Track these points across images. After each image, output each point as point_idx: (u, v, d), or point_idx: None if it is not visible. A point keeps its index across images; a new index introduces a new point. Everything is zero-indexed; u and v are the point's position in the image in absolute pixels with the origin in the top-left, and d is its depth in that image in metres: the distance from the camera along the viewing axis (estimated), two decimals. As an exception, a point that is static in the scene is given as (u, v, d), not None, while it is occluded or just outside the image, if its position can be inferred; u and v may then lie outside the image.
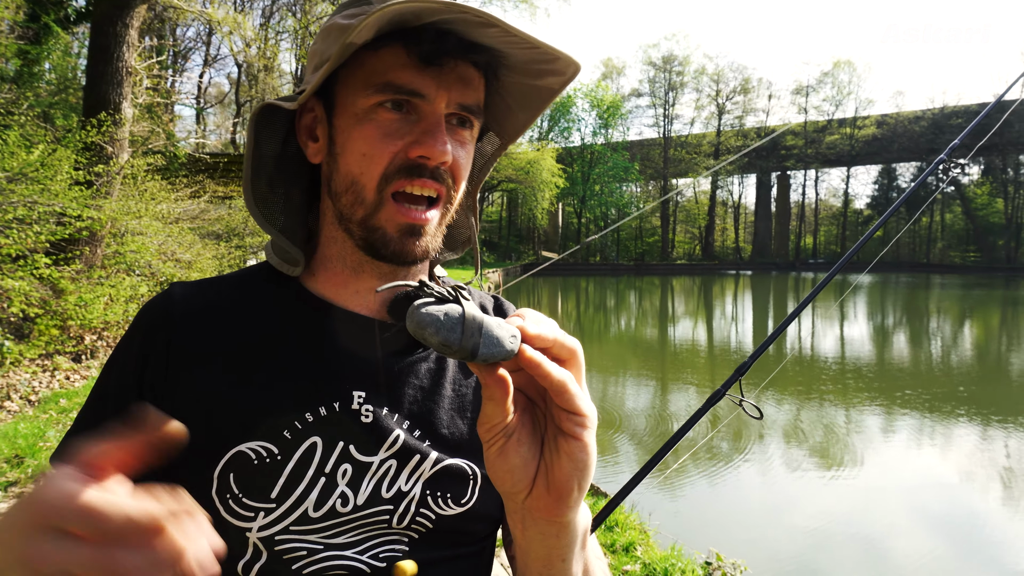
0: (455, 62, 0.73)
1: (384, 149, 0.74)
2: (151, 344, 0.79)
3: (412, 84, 0.72)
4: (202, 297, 0.83)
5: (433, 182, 0.75)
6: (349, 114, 0.76)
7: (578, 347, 0.55)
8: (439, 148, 0.72)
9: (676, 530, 4.43)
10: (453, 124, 0.77)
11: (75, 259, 7.48)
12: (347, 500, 0.75)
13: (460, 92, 0.74)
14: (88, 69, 8.52)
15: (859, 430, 7.76)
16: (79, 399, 6.13)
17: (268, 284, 0.85)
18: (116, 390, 0.79)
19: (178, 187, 11.03)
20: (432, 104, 0.73)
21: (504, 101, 0.83)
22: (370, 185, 0.75)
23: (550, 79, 0.77)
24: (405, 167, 0.74)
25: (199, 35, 30.52)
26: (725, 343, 16.00)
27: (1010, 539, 5.00)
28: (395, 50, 0.72)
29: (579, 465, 0.55)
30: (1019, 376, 11.47)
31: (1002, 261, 54.33)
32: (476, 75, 0.76)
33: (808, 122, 61.54)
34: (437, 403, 0.82)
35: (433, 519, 0.78)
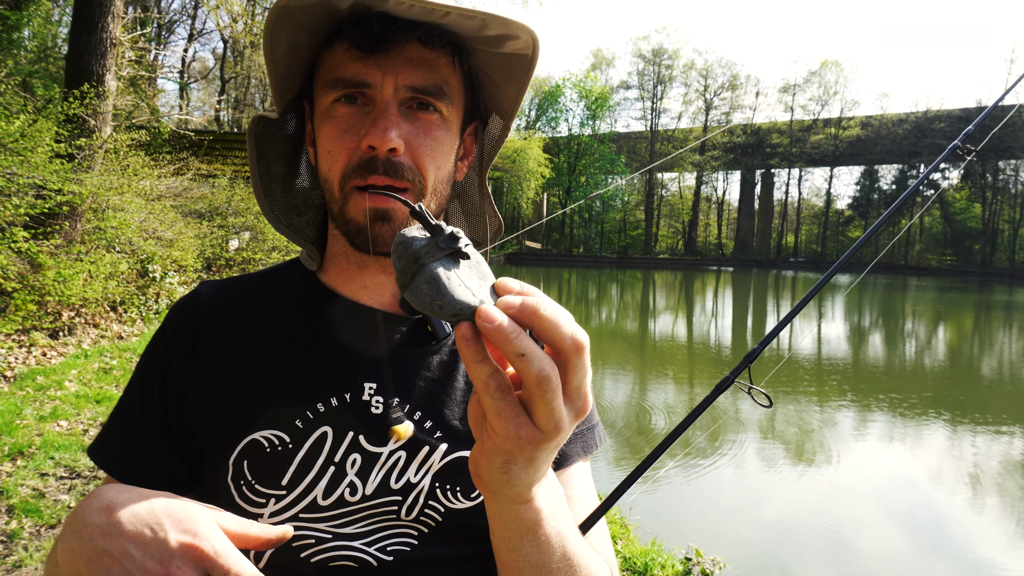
0: (399, 45, 0.73)
1: (343, 145, 0.76)
2: (177, 341, 0.83)
3: (358, 75, 0.74)
4: (227, 295, 0.87)
5: (385, 177, 0.74)
6: (319, 114, 0.79)
7: (583, 341, 0.48)
8: (380, 135, 0.72)
9: (656, 526, 4.47)
10: (413, 108, 0.76)
11: (54, 234, 7.34)
12: (356, 489, 0.76)
13: (409, 74, 0.74)
14: (71, 38, 8.32)
15: (834, 428, 7.88)
16: (56, 376, 6.04)
17: (289, 281, 0.89)
18: (142, 387, 0.84)
19: (161, 163, 10.85)
20: (379, 91, 0.74)
21: (490, 78, 0.83)
22: (335, 182, 0.77)
23: (510, 44, 0.75)
24: (360, 164, 0.75)
25: (184, 8, 29.91)
26: (706, 338, 16.13)
27: (973, 535, 5.12)
28: (339, 46, 0.75)
29: (491, 463, 0.52)
30: (989, 378, 11.71)
31: (977, 265, 55.25)
32: (432, 55, 0.75)
33: (794, 121, 61.95)
34: (448, 395, 0.82)
35: (442, 512, 0.78)
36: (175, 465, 0.82)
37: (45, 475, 4.09)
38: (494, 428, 0.49)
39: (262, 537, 0.60)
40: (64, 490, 3.95)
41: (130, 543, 0.51)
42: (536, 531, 0.60)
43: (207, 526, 0.54)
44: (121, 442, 0.83)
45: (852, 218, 65.48)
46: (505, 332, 0.44)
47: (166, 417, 0.81)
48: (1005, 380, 11.71)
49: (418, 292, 0.46)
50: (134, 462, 0.82)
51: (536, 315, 0.46)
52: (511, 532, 0.60)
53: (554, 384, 0.46)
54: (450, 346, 0.85)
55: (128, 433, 0.83)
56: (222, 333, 0.83)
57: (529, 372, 0.45)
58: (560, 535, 0.63)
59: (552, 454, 0.53)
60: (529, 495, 0.57)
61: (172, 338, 0.83)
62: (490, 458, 0.51)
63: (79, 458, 4.36)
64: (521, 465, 0.51)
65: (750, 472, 6.27)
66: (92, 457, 0.84)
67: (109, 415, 0.86)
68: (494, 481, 0.53)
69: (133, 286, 9.06)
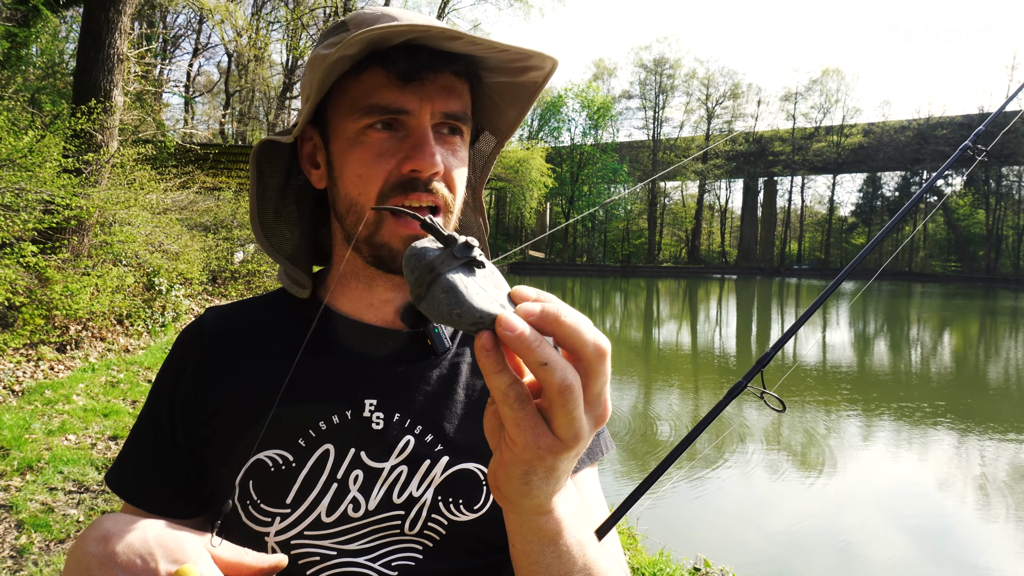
0: (434, 75, 0.75)
1: (378, 169, 0.76)
2: (184, 366, 0.86)
3: (396, 103, 0.75)
4: (231, 318, 0.90)
5: (428, 195, 0.76)
6: (342, 139, 0.79)
7: (606, 347, 0.47)
8: (428, 160, 0.74)
9: (664, 535, 4.46)
10: (443, 133, 0.79)
11: (62, 248, 7.39)
12: (359, 505, 0.77)
13: (443, 102, 0.76)
14: (79, 55, 8.41)
15: (841, 435, 7.85)
16: (64, 390, 6.06)
17: (292, 302, 0.91)
18: (152, 413, 0.87)
19: (167, 177, 10.92)
20: (417, 118, 0.76)
21: (493, 101, 0.86)
22: (368, 204, 0.78)
23: (531, 74, 0.79)
24: (400, 183, 0.76)
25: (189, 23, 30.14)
26: (712, 347, 16.09)
27: (981, 543, 5.09)
28: (375, 73, 0.76)
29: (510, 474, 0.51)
30: (996, 385, 11.65)
31: (982, 271, 55.08)
32: (458, 82, 0.78)
33: (796, 129, 61.99)
34: (448, 408, 0.83)
35: (446, 525, 0.79)
36: (191, 487, 0.84)
37: (54, 489, 4.10)
38: (513, 439, 0.48)
39: (255, 566, 0.62)
40: (73, 504, 3.96)
41: (123, 573, 0.55)
42: (557, 541, 0.60)
43: (197, 555, 0.57)
44: (136, 468, 0.87)
45: (855, 225, 65.37)
46: (527, 340, 0.43)
47: (175, 440, 0.83)
48: (1012, 386, 11.66)
49: (435, 302, 0.45)
50: (151, 488, 0.85)
51: (557, 321, 0.46)
52: (532, 544, 0.60)
53: (576, 393, 0.45)
54: (449, 359, 0.87)
55: (143, 459, 0.86)
56: (226, 356, 0.85)
57: (552, 381, 0.44)
58: (581, 544, 0.63)
59: (572, 463, 0.52)
60: (550, 505, 0.57)
61: (179, 364, 0.86)
62: (509, 469, 0.51)
63: (88, 472, 4.37)
64: (541, 475, 0.51)
65: (757, 480, 6.25)
66: (109, 485, 0.87)
67: (124, 442, 0.89)
68: (514, 492, 0.53)
69: (139, 299, 9.10)
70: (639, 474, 6.31)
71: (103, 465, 4.52)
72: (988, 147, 1.20)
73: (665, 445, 7.21)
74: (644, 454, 6.99)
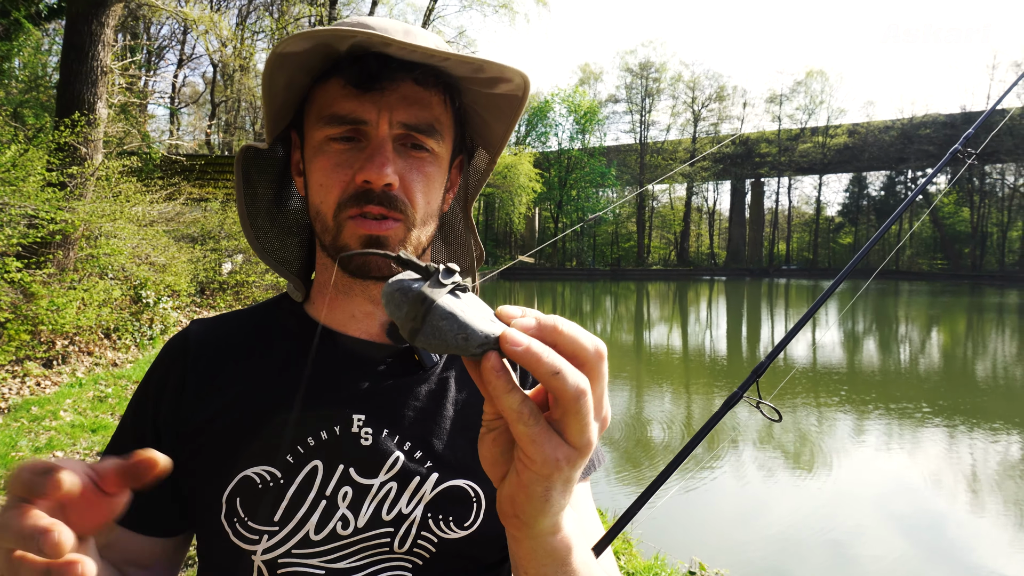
0: (393, 84, 0.75)
1: (336, 179, 0.78)
2: (167, 379, 0.84)
3: (353, 112, 0.76)
4: (216, 332, 0.88)
5: (380, 207, 0.76)
6: (311, 147, 0.80)
7: (603, 348, 0.47)
8: (376, 171, 0.74)
9: (659, 540, 4.45)
10: (407, 147, 0.79)
11: (47, 262, 7.32)
12: (348, 523, 0.76)
13: (403, 112, 0.76)
14: (62, 67, 8.35)
15: (834, 435, 7.88)
16: (51, 406, 5.99)
17: (277, 315, 0.91)
18: (134, 427, 0.84)
19: (153, 189, 10.86)
20: (375, 128, 0.76)
21: (479, 115, 0.86)
22: (328, 213, 0.79)
23: (502, 86, 0.78)
24: (354, 195, 0.77)
25: (174, 34, 30.05)
26: (703, 349, 16.14)
27: (974, 538, 5.11)
28: (335, 83, 0.77)
29: (531, 494, 0.49)
30: (986, 381, 11.74)
31: (968, 269, 55.59)
32: (426, 94, 0.78)
33: (782, 130, 62.43)
34: (438, 424, 0.82)
35: (436, 543, 0.78)
36: (172, 503, 0.82)
37: (42, 507, 4.05)
38: (531, 457, 0.46)
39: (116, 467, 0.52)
40: (61, 522, 3.91)
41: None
42: (569, 561, 0.58)
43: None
44: None
45: (842, 225, 65.87)
46: (536, 352, 0.42)
47: None
48: (1000, 383, 11.76)
49: (437, 331, 0.43)
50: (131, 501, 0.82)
51: (556, 331, 0.45)
52: (546, 568, 0.57)
53: (589, 396, 0.45)
54: (438, 374, 0.86)
55: None
56: (211, 370, 0.84)
57: (565, 389, 0.43)
58: (586, 564, 0.61)
59: (580, 472, 0.50)
60: (561, 523, 0.55)
61: (163, 376, 0.85)
62: (530, 489, 0.49)
63: (76, 489, 4.32)
64: (560, 489, 0.49)
65: (751, 482, 6.26)
66: None
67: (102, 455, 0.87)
68: (535, 512, 0.50)
69: (127, 312, 9.02)
70: (633, 477, 6.31)
71: (91, 482, 4.46)
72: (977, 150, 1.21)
73: (659, 448, 7.22)
74: (638, 457, 6.98)
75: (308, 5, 23.26)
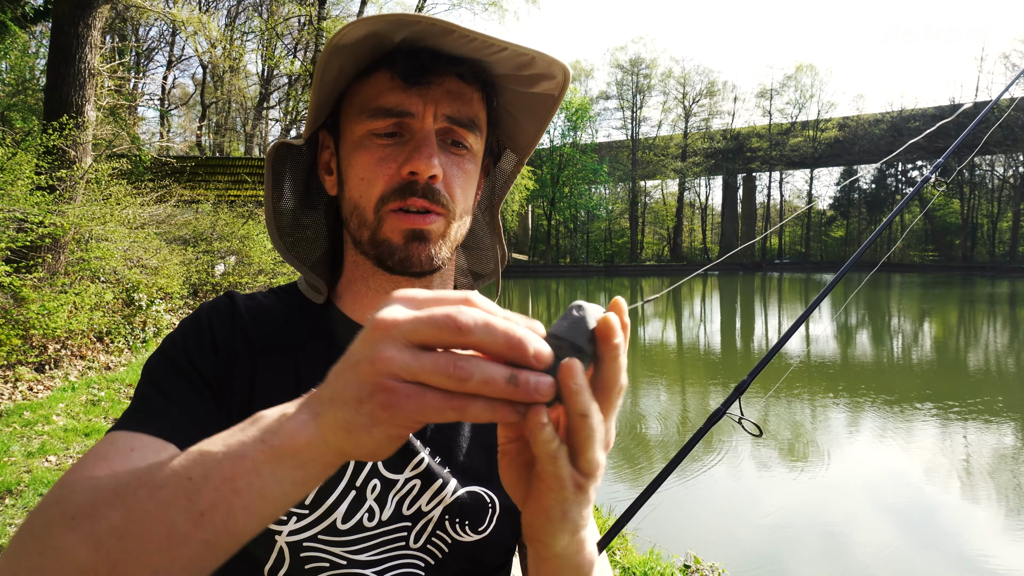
0: (440, 78, 0.75)
1: (380, 172, 0.77)
2: (216, 335, 0.79)
3: (401, 104, 0.75)
4: (258, 305, 0.85)
5: (424, 200, 0.76)
6: (349, 143, 0.80)
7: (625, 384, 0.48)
8: (424, 161, 0.74)
9: (654, 533, 4.47)
10: (447, 144, 0.79)
11: (37, 266, 7.28)
12: (374, 515, 0.77)
13: (448, 105, 0.76)
14: (49, 70, 8.30)
15: (827, 427, 7.93)
16: (44, 410, 5.97)
17: (300, 308, 0.88)
18: (182, 370, 0.76)
19: (143, 191, 10.80)
20: (421, 121, 0.76)
21: (511, 116, 0.86)
22: (369, 207, 0.78)
23: (543, 84, 0.78)
24: (399, 188, 0.76)
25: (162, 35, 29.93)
26: (697, 343, 16.18)
27: (965, 526, 5.15)
28: (381, 75, 0.76)
29: (549, 517, 0.50)
30: (977, 372, 11.82)
31: (959, 260, 55.94)
32: (468, 89, 0.78)
33: (772, 124, 62.60)
34: (458, 432, 0.84)
35: (449, 543, 0.80)
36: None
37: (36, 512, 4.03)
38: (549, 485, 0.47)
39: None
40: (55, 526, 3.89)
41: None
42: (590, 572, 0.59)
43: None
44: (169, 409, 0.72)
45: (834, 218, 66.14)
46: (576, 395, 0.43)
47: (217, 400, 0.76)
48: (993, 372, 11.83)
49: None
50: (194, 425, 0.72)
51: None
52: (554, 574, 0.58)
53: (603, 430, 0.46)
54: None
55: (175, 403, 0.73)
56: (259, 337, 0.82)
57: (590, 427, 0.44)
58: (600, 573, 0.64)
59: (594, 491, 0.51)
60: (585, 540, 0.56)
61: (216, 328, 0.80)
62: (550, 512, 0.49)
63: (70, 493, 4.30)
64: (576, 510, 0.50)
65: (745, 475, 6.29)
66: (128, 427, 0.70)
67: (135, 397, 0.75)
68: (556, 532, 0.51)
69: (119, 316, 8.98)
70: (629, 473, 6.34)
71: (85, 485, 4.45)
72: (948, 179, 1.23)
73: (654, 444, 7.24)
74: (634, 453, 7.01)
75: (297, 5, 23.19)
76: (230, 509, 0.45)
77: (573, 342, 0.44)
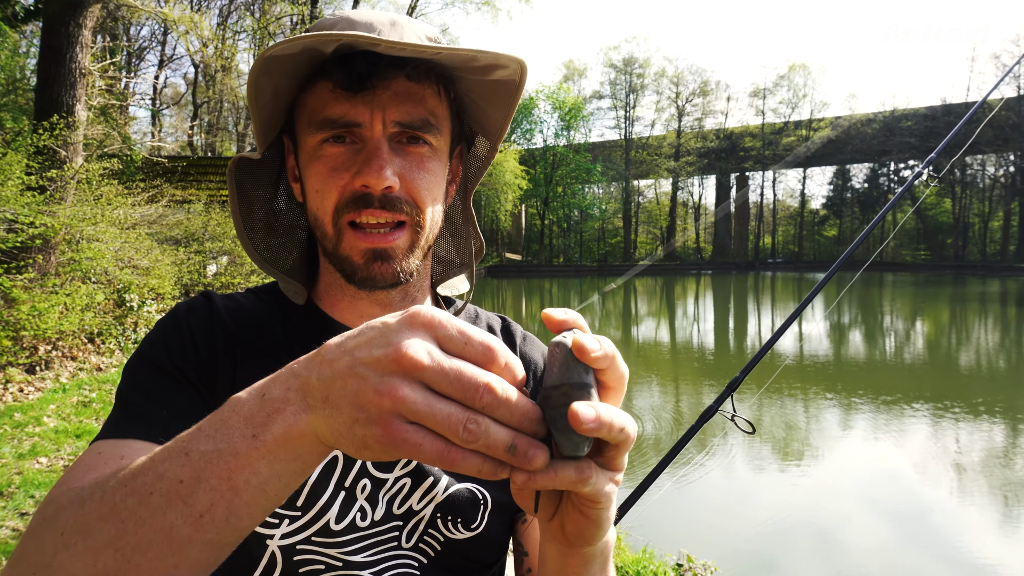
0: (385, 82, 0.73)
1: (333, 184, 0.75)
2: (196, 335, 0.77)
3: (346, 115, 0.73)
4: (236, 304, 0.83)
5: (382, 211, 0.75)
6: (304, 153, 0.78)
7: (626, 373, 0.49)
8: (375, 175, 0.72)
9: (646, 533, 4.48)
10: (403, 143, 0.76)
11: (28, 267, 7.23)
12: (366, 515, 0.76)
13: (396, 110, 0.74)
14: (39, 70, 8.26)
15: (819, 426, 7.95)
16: (35, 412, 5.93)
17: (283, 307, 0.87)
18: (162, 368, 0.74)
19: (135, 191, 10.74)
20: (369, 130, 0.74)
21: (476, 103, 0.84)
22: (326, 219, 0.77)
23: (498, 72, 0.76)
24: (352, 199, 0.75)
25: (154, 34, 29.78)
26: (691, 340, 16.21)
27: (956, 524, 5.18)
28: (323, 86, 0.74)
29: (594, 522, 0.52)
30: (969, 370, 11.88)
31: (950, 259, 56.22)
32: (418, 88, 0.75)
33: (765, 124, 62.77)
34: None
35: (442, 541, 0.79)
36: None
37: (26, 515, 4.01)
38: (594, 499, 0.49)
39: None
40: (46, 529, 3.87)
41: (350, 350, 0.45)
42: (608, 556, 0.61)
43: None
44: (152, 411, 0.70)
45: (827, 217, 66.36)
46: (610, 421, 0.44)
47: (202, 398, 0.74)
48: (984, 371, 11.89)
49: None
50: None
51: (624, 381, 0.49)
52: (594, 567, 0.60)
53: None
54: None
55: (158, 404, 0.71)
56: (238, 336, 0.80)
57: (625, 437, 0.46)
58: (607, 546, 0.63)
59: None
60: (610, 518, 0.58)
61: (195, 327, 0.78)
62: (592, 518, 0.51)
63: (61, 495, 4.28)
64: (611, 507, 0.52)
65: (738, 474, 6.30)
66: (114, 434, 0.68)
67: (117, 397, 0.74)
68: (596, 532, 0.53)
69: (110, 316, 8.94)
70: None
71: (76, 487, 4.42)
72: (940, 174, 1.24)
73: (648, 441, 7.25)
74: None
75: (290, 4, 23.11)
76: (230, 507, 0.45)
77: (572, 383, 0.44)
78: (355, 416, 0.42)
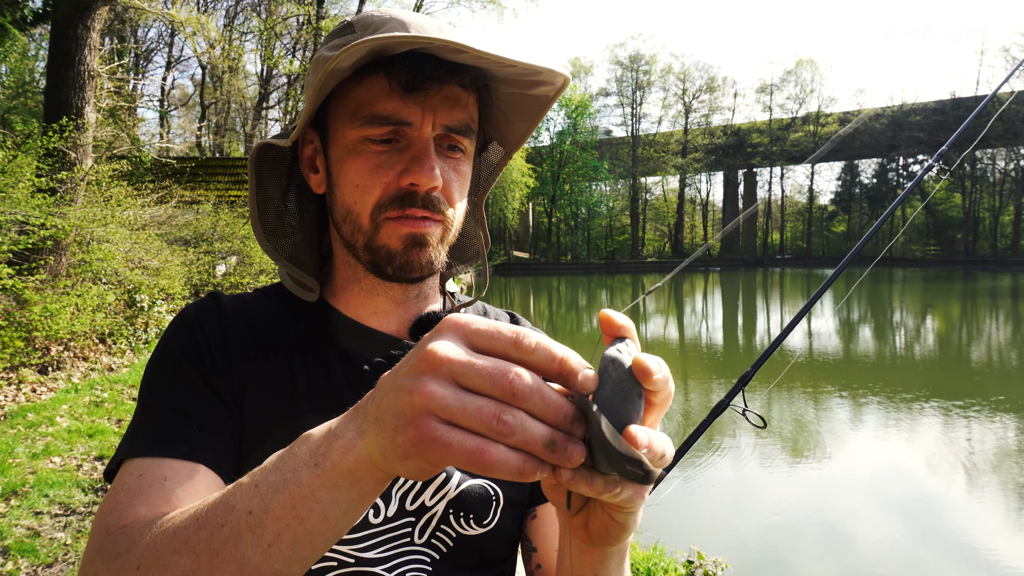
0: (439, 86, 0.73)
1: (376, 180, 0.75)
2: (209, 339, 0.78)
3: (398, 113, 0.74)
4: (244, 305, 0.84)
5: (424, 210, 0.76)
6: (341, 146, 0.78)
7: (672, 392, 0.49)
8: (426, 174, 0.73)
9: (657, 530, 4.48)
10: (444, 148, 0.77)
11: (39, 269, 7.28)
12: (379, 511, 0.77)
13: (446, 114, 0.75)
14: (48, 73, 8.30)
15: (830, 422, 7.92)
16: (47, 412, 5.98)
17: (292, 305, 0.87)
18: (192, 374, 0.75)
19: (144, 192, 10.79)
20: (419, 130, 0.74)
21: (502, 112, 0.85)
22: (364, 214, 0.77)
23: (541, 88, 0.78)
24: (397, 196, 0.75)
25: (161, 36, 29.88)
26: (699, 337, 16.17)
27: (968, 521, 5.15)
28: (378, 80, 0.73)
29: (621, 524, 0.52)
30: (980, 366, 11.80)
31: (960, 254, 55.86)
32: (464, 93, 0.76)
33: (773, 120, 62.50)
34: None
35: (454, 538, 0.79)
36: None
37: (40, 514, 4.05)
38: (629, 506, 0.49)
39: None
40: (60, 528, 3.91)
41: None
42: (625, 552, 0.61)
43: None
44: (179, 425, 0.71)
45: (835, 213, 66.02)
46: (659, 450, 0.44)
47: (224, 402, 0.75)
48: (995, 366, 11.81)
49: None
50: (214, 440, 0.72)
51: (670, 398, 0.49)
52: (617, 563, 0.60)
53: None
54: None
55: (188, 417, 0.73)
56: (248, 344, 0.80)
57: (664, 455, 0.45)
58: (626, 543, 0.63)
59: None
60: None
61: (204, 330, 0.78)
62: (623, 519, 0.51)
63: (74, 494, 4.32)
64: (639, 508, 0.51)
65: (748, 470, 6.29)
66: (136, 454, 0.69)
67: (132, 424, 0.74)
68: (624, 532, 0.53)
69: (121, 317, 8.99)
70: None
71: (89, 487, 4.46)
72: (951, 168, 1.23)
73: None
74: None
75: (296, 4, 23.16)
76: (295, 536, 0.47)
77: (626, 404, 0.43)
78: (396, 424, 0.42)
